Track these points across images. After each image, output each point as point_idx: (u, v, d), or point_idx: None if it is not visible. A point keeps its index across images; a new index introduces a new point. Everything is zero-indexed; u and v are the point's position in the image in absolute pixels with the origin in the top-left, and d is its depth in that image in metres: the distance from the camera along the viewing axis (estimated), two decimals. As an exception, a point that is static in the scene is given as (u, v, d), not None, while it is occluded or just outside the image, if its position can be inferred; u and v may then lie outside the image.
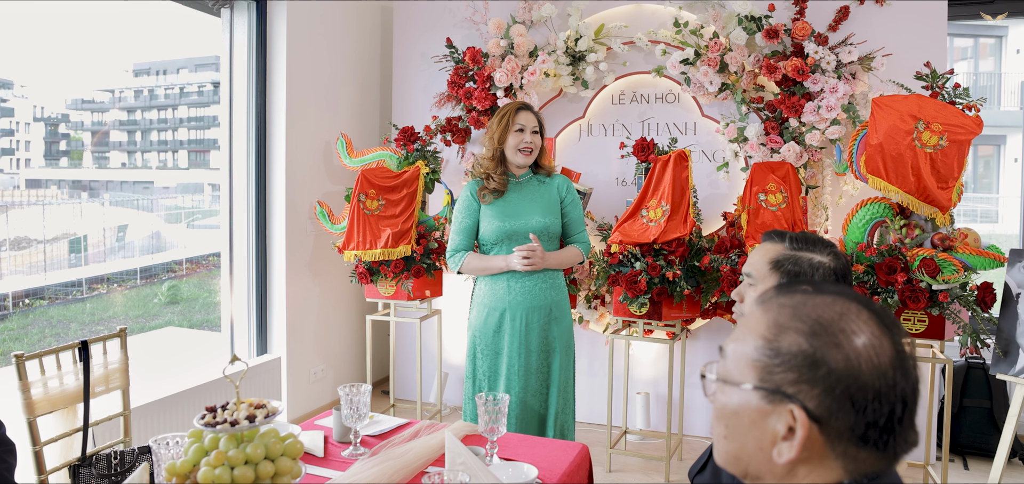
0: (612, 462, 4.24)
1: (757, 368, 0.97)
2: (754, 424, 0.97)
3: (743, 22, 4.22)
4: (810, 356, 0.93)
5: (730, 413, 1.00)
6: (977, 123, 3.56)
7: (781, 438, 0.95)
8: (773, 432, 0.95)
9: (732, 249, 3.94)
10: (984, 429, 4.31)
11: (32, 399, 2.37)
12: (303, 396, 4.87)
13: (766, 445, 0.96)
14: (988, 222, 13.10)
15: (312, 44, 4.83)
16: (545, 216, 3.26)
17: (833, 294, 0.99)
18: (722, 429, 1.02)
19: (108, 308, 8.85)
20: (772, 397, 0.95)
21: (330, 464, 2.30)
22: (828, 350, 0.93)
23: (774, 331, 0.97)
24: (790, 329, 0.96)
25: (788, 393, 0.94)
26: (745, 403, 0.98)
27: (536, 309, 3.25)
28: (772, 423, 0.95)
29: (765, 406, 0.96)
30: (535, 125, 3.29)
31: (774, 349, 0.96)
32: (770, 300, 1.02)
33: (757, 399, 0.96)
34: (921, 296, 3.47)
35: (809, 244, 1.78)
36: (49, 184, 14.58)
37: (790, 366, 0.94)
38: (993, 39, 13.68)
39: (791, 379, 0.94)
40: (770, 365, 0.95)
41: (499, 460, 2.29)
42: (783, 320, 0.97)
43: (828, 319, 0.95)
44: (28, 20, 13.93)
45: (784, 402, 0.94)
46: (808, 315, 0.96)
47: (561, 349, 3.28)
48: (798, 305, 0.98)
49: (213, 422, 1.74)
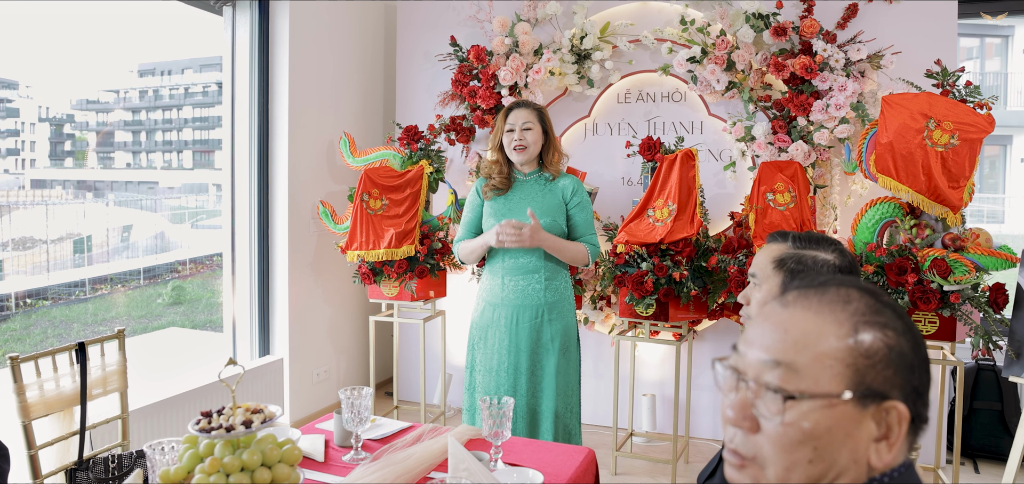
0: (618, 465, 4.19)
1: (850, 372, 0.89)
2: (849, 436, 0.89)
3: (750, 19, 4.17)
4: (893, 348, 0.90)
5: (822, 432, 0.88)
6: (989, 121, 3.51)
7: (875, 440, 0.90)
8: (868, 437, 0.89)
9: (739, 249, 3.89)
10: (995, 432, 4.26)
11: (27, 402, 2.33)
12: (306, 398, 4.83)
13: (861, 454, 0.89)
14: (994, 222, 13.03)
15: (315, 42, 4.79)
16: (543, 216, 3.22)
17: (846, 284, 0.96)
18: (807, 454, 0.89)
19: (111, 309, 8.83)
20: (866, 401, 0.89)
21: (331, 469, 2.25)
22: (899, 337, 0.91)
23: (848, 329, 0.91)
24: (861, 323, 0.91)
25: (884, 391, 0.89)
26: (841, 415, 0.89)
27: (526, 308, 3.22)
28: (864, 429, 0.89)
29: (857, 412, 0.89)
30: (525, 121, 3.25)
31: (861, 349, 0.89)
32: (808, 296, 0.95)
33: (851, 407, 0.89)
34: (932, 297, 3.41)
35: (813, 242, 1.75)
36: (54, 184, 14.62)
37: (882, 362, 0.89)
38: (999, 39, 13.60)
39: (887, 376, 0.89)
40: (862, 367, 0.89)
41: (503, 465, 2.24)
42: (844, 317, 0.92)
43: (877, 306, 0.93)
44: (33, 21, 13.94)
45: (880, 402, 0.89)
46: (860, 307, 0.92)
47: (559, 350, 3.22)
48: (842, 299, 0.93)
49: (208, 427, 1.69)
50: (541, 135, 3.29)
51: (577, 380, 3.33)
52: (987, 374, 4.28)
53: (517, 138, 3.24)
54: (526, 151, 3.25)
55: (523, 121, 3.25)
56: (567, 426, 3.24)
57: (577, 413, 3.31)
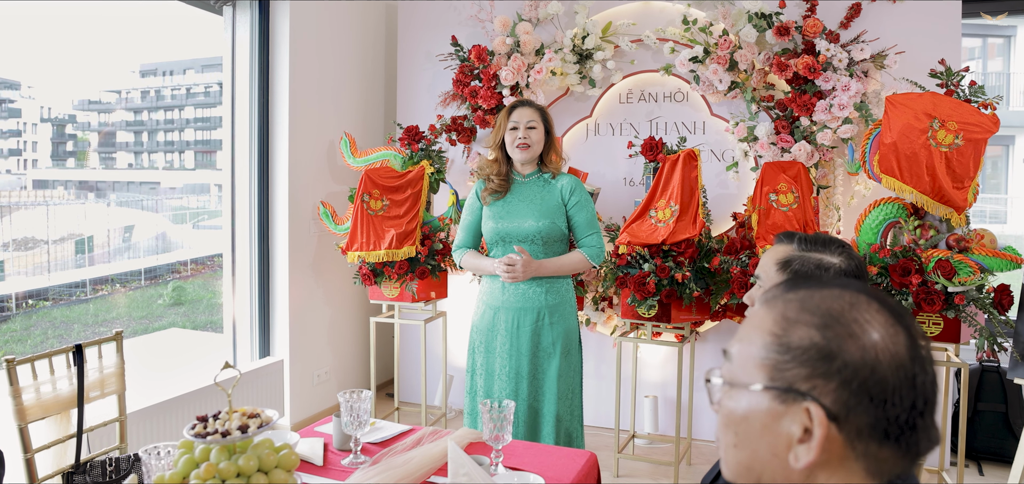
0: (620, 467, 4.17)
1: (766, 367, 0.90)
2: (766, 428, 0.89)
3: (753, 19, 4.14)
4: (823, 348, 0.86)
5: (739, 418, 0.92)
6: (994, 121, 3.48)
7: (797, 441, 0.87)
8: (788, 435, 0.88)
9: (742, 250, 3.86)
10: (999, 434, 4.23)
11: (23, 405, 2.30)
12: (306, 399, 4.80)
13: (781, 450, 0.89)
14: (997, 223, 13.00)
15: (315, 42, 4.77)
16: (540, 219, 3.18)
17: (840, 286, 0.92)
18: (731, 437, 0.94)
19: (111, 309, 8.81)
20: (785, 396, 0.88)
21: (329, 473, 2.23)
22: (842, 341, 0.86)
23: (782, 326, 0.90)
24: (799, 322, 0.89)
25: (802, 390, 0.86)
26: (755, 406, 0.90)
27: (526, 311, 3.19)
28: (786, 425, 0.88)
29: (777, 407, 0.88)
30: (529, 120, 3.22)
31: (783, 344, 0.89)
32: (775, 297, 0.95)
33: (768, 400, 0.89)
34: (936, 298, 3.39)
35: (819, 244, 1.72)
36: (56, 185, 14.60)
37: (802, 361, 0.87)
38: (1001, 39, 13.57)
39: (804, 375, 0.86)
40: (780, 362, 0.88)
41: (504, 469, 2.22)
42: (791, 314, 0.91)
43: (838, 310, 0.88)
44: (35, 21, 13.94)
45: (798, 401, 0.86)
46: (817, 307, 0.89)
47: (560, 354, 3.18)
48: (805, 298, 0.92)
49: (204, 432, 1.67)
50: (544, 135, 3.26)
51: (579, 383, 3.30)
52: (991, 376, 4.25)
53: (522, 135, 3.20)
54: (529, 150, 3.21)
55: (528, 120, 3.22)
56: (569, 429, 3.21)
57: (579, 416, 3.28)
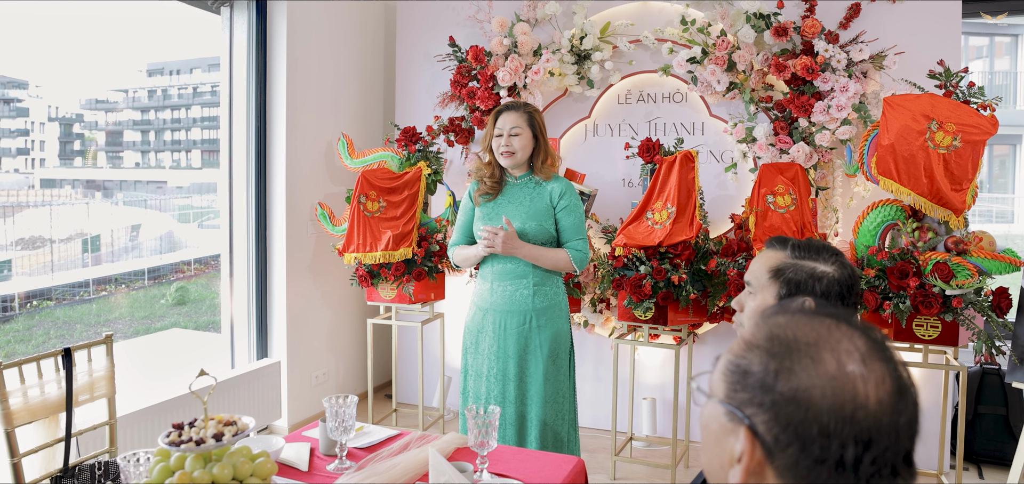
0: (617, 469, 4.15)
1: (727, 383, 0.91)
2: (718, 441, 0.92)
3: (751, 19, 4.11)
4: (761, 379, 0.86)
5: (703, 424, 0.96)
6: (992, 123, 3.45)
7: (735, 460, 0.88)
8: (731, 452, 0.89)
9: (739, 252, 3.84)
10: (999, 437, 4.20)
11: (10, 409, 2.30)
12: (304, 400, 4.80)
13: (725, 465, 0.91)
14: (1004, 222, 12.94)
15: (313, 43, 4.77)
16: (527, 221, 3.16)
17: (832, 318, 0.89)
18: (705, 441, 0.97)
19: (114, 309, 8.84)
20: (732, 416, 0.89)
21: (314, 478, 2.22)
22: (780, 375, 0.85)
23: (745, 348, 0.91)
24: (759, 348, 0.89)
25: (744, 414, 0.87)
26: (713, 416, 0.93)
27: (513, 313, 3.18)
28: (730, 443, 0.89)
29: (727, 424, 0.90)
30: (512, 126, 3.17)
31: (741, 367, 0.89)
32: (768, 317, 0.95)
33: (722, 415, 0.90)
34: (934, 301, 3.36)
35: (813, 252, 1.68)
36: (63, 184, 14.65)
37: (747, 386, 0.87)
38: (1008, 38, 13.49)
39: (746, 399, 0.87)
40: (735, 382, 0.89)
41: (489, 475, 2.20)
42: (757, 338, 0.90)
43: (799, 342, 0.86)
44: (42, 21, 13.99)
45: (740, 423, 0.88)
46: (780, 335, 0.89)
47: (548, 357, 3.16)
48: (782, 324, 0.90)
49: (178, 440, 1.66)
50: (531, 139, 3.20)
51: (569, 387, 3.26)
52: (992, 378, 4.21)
53: (504, 144, 3.17)
54: (513, 157, 3.18)
55: (511, 126, 3.17)
56: (557, 434, 3.18)
57: (570, 420, 3.25)
